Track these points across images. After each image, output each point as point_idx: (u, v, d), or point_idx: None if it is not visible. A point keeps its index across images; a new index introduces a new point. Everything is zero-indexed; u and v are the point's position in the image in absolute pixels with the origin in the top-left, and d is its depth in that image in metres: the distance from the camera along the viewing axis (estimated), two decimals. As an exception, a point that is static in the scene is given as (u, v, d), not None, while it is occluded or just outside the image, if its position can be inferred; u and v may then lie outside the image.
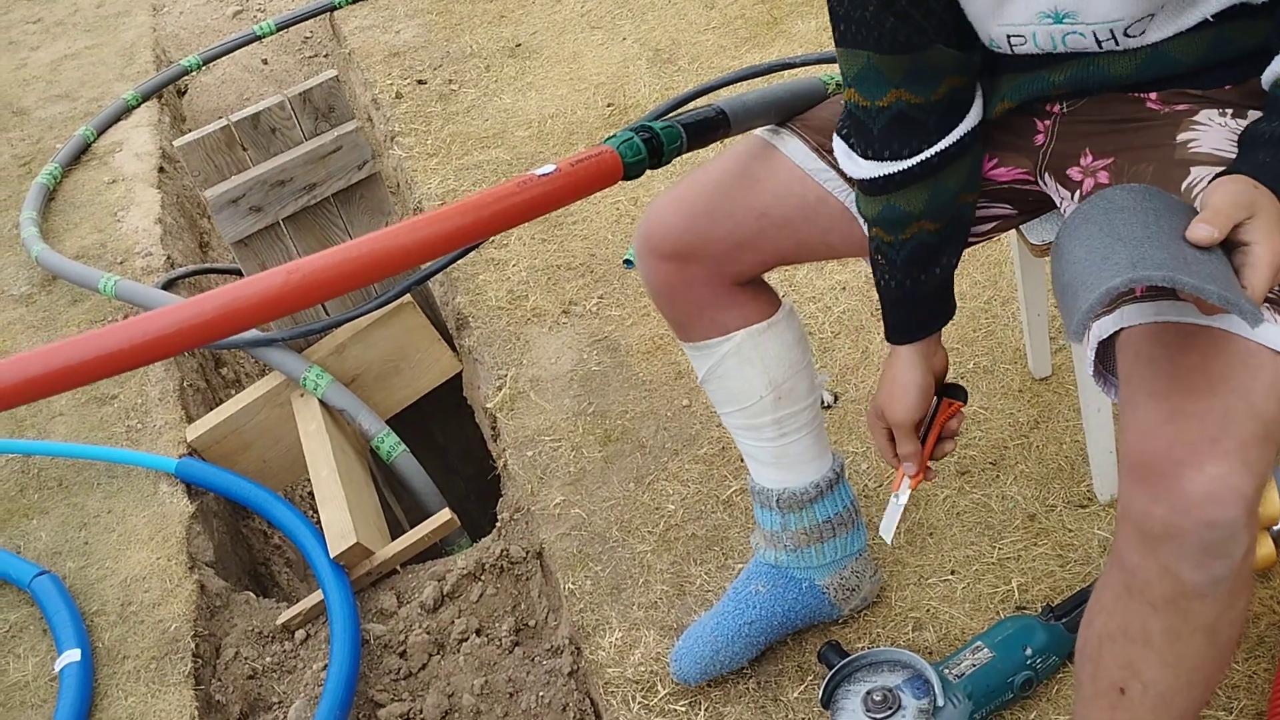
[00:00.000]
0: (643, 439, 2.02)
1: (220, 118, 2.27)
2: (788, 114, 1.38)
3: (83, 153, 3.57)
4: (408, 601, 2.00)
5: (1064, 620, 1.47)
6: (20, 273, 3.02)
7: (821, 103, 1.39)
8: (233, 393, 2.80)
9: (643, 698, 1.60)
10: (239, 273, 2.68)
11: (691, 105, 2.51)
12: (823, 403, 1.96)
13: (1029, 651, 1.43)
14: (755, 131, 1.40)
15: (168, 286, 2.84)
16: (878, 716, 1.36)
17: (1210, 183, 0.96)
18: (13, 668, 1.93)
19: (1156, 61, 1.09)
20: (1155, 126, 1.12)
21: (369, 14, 4.00)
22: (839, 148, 1.26)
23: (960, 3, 1.13)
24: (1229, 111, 1.09)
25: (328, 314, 2.42)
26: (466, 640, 1.91)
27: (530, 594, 1.96)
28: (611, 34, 3.47)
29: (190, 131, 2.35)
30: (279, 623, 1.98)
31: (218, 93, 4.54)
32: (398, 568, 2.06)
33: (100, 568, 2.08)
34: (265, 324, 1.90)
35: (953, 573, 1.64)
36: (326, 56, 4.67)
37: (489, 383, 2.27)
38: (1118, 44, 1.09)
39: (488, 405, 2.23)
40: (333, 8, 4.07)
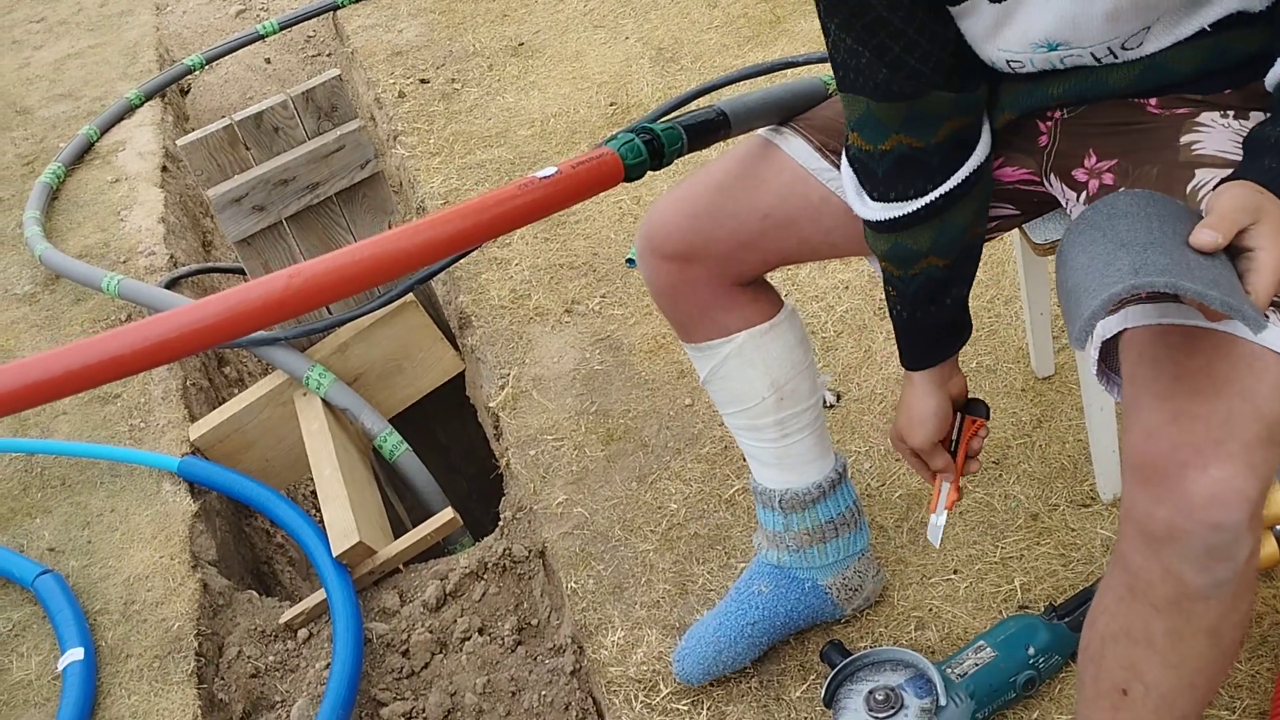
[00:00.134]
0: (645, 438, 2.02)
1: (223, 117, 2.27)
2: (789, 114, 1.38)
3: (86, 152, 3.58)
4: (410, 600, 2.00)
5: (1067, 619, 1.47)
6: (24, 272, 3.03)
7: (823, 102, 1.39)
8: (235, 391, 2.80)
9: (645, 697, 1.60)
10: (242, 272, 2.68)
11: (693, 105, 2.51)
12: (825, 402, 1.96)
13: (1032, 651, 1.43)
14: (758, 131, 1.39)
15: (171, 286, 2.84)
16: (880, 716, 1.36)
17: (1215, 188, 0.96)
18: (16, 666, 1.94)
19: (1155, 71, 1.09)
20: (1157, 129, 1.11)
21: (372, 13, 4.00)
22: (848, 183, 1.27)
23: (960, 28, 1.13)
24: (1230, 113, 1.08)
25: (330, 313, 2.42)
26: (469, 639, 1.92)
27: (533, 593, 1.96)
28: (614, 33, 3.47)
29: (193, 130, 2.35)
30: (282, 622, 1.98)
31: (221, 92, 4.54)
32: (400, 567, 2.07)
33: (103, 566, 2.09)
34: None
35: (955, 572, 1.64)
36: (329, 55, 4.67)
37: (491, 382, 2.27)
38: (1116, 58, 1.09)
39: (490, 404, 2.23)
40: (335, 7, 4.07)
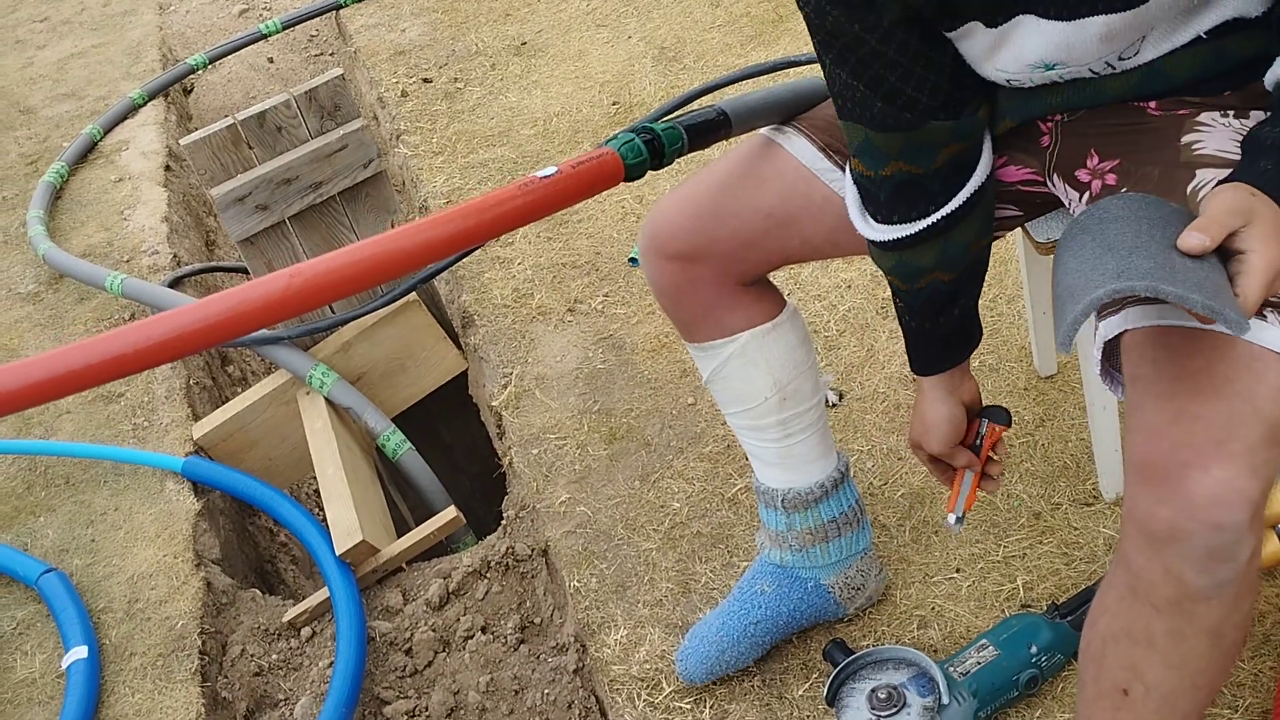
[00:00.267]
0: (648, 437, 2.03)
1: (226, 116, 2.27)
2: (790, 113, 1.38)
3: (89, 151, 3.58)
4: (413, 599, 2.00)
5: (1069, 618, 1.47)
6: (27, 271, 3.03)
7: (824, 101, 1.39)
8: (239, 391, 2.81)
9: (648, 695, 1.60)
10: (245, 271, 2.69)
11: (695, 104, 2.51)
12: (828, 402, 1.96)
13: (1034, 649, 1.43)
14: (760, 130, 1.39)
15: (174, 285, 2.84)
16: (883, 714, 1.37)
17: (1212, 189, 0.96)
18: (20, 665, 1.94)
19: (1153, 78, 1.09)
20: (1158, 129, 1.11)
21: (374, 12, 4.01)
22: (852, 203, 1.27)
23: (959, 49, 1.13)
24: (1231, 113, 1.08)
25: (333, 312, 2.43)
26: (472, 638, 1.92)
27: (535, 591, 1.96)
28: (617, 32, 3.47)
29: (196, 130, 2.35)
30: (285, 620, 1.98)
31: (224, 91, 4.54)
32: (403, 565, 2.07)
33: (107, 565, 2.09)
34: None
35: (958, 570, 1.64)
36: (332, 55, 4.67)
37: (494, 381, 2.27)
38: (1114, 69, 1.09)
39: (493, 403, 2.23)
40: (338, 6, 4.07)
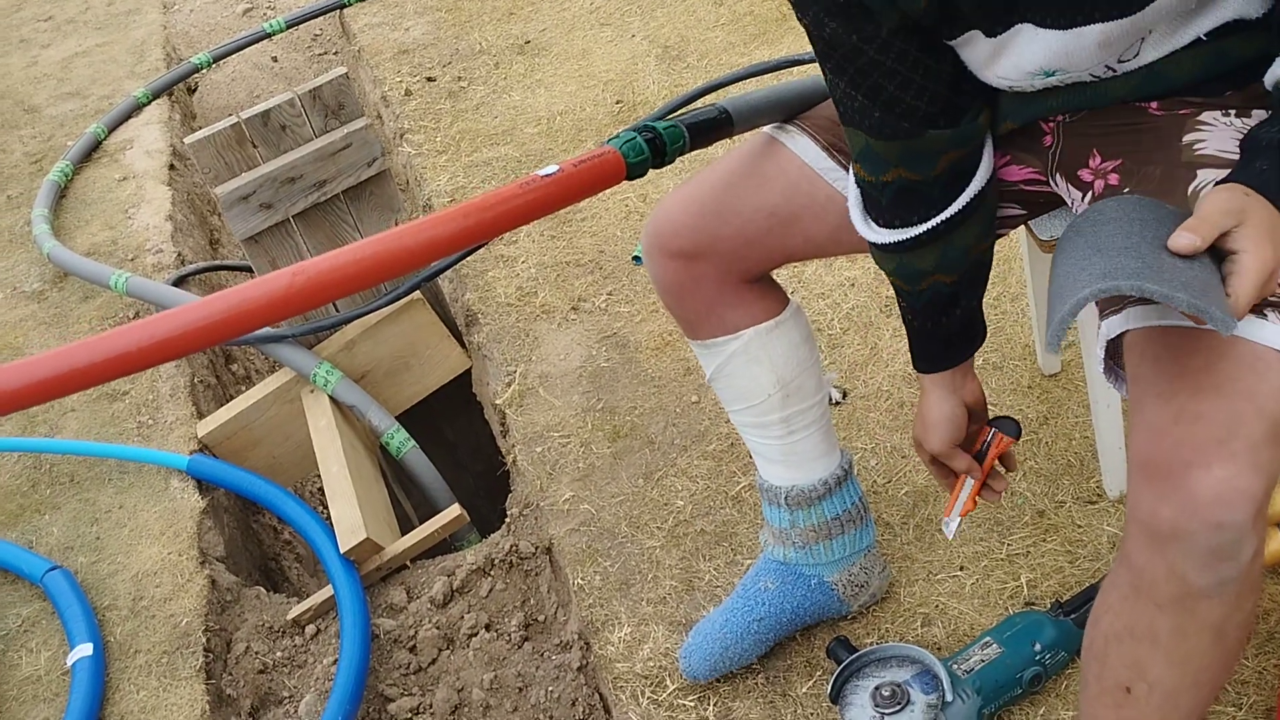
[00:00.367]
0: (651, 435, 2.03)
1: (230, 115, 2.27)
2: (792, 112, 1.38)
3: (93, 150, 3.59)
4: (417, 596, 2.01)
5: (1073, 616, 1.47)
6: (32, 269, 3.04)
7: (827, 100, 1.38)
8: (243, 389, 2.81)
9: (652, 693, 1.60)
10: (249, 269, 2.69)
11: (699, 103, 2.51)
12: (831, 399, 1.96)
13: (1038, 647, 1.43)
14: (764, 129, 1.39)
15: (178, 283, 2.85)
16: (886, 712, 1.37)
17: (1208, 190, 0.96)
18: (25, 662, 1.95)
19: (1154, 80, 1.09)
20: (1159, 128, 1.11)
21: (378, 11, 4.01)
22: (854, 206, 1.27)
23: (960, 56, 1.13)
24: (1232, 112, 1.08)
25: (337, 310, 2.43)
26: (476, 635, 1.92)
27: (539, 589, 1.96)
28: (620, 31, 3.47)
29: (200, 129, 2.36)
30: (289, 618, 1.99)
31: (228, 90, 4.55)
32: (407, 563, 2.07)
33: (112, 563, 2.10)
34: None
35: (962, 568, 1.64)
36: (336, 54, 4.67)
37: (498, 379, 2.27)
38: (1115, 72, 1.09)
39: (497, 401, 2.24)
40: (342, 5, 4.07)
